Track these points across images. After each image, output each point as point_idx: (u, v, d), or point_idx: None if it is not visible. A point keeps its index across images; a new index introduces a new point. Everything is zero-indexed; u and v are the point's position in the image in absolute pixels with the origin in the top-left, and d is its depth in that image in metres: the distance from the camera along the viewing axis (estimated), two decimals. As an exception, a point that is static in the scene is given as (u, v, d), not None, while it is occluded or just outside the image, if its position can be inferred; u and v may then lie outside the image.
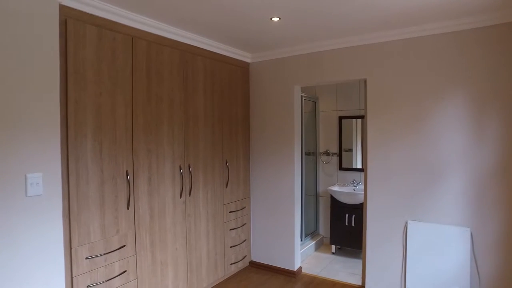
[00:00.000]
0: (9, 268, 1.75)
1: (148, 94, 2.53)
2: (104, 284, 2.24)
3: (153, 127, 2.57)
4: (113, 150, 2.28)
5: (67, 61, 2.04)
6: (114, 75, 2.30)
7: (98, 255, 2.20)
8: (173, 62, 2.75)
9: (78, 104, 2.09)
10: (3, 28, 1.75)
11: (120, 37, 2.35)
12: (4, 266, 1.73)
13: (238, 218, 3.53)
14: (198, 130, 2.99)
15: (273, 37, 3.05)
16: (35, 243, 1.86)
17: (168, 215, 2.70)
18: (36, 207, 1.86)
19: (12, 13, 1.78)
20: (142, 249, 2.50)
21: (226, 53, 3.37)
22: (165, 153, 2.67)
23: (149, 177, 2.54)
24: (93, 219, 2.17)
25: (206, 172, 3.09)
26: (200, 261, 3.03)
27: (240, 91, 3.55)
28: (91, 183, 2.15)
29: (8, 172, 1.75)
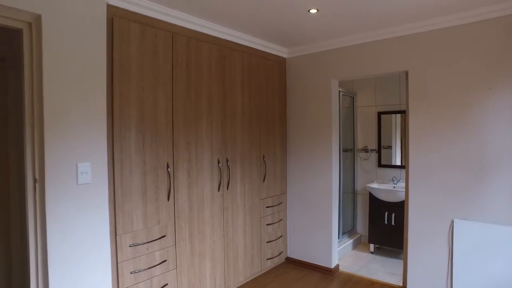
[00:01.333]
0: (62, 250, 1.88)
1: (187, 88, 2.59)
2: (146, 271, 2.32)
3: (192, 121, 2.62)
4: (155, 142, 2.36)
5: (113, 57, 2.14)
6: (156, 70, 2.37)
7: (141, 244, 2.29)
8: (211, 57, 2.79)
9: (123, 98, 2.18)
10: (60, 28, 1.88)
11: (161, 33, 2.42)
12: (58, 247, 1.86)
13: (275, 213, 3.52)
14: (235, 124, 3.01)
15: (310, 30, 3.00)
16: (85, 228, 1.97)
17: (206, 207, 2.75)
18: (86, 194, 1.97)
19: (67, 14, 1.91)
20: (182, 240, 2.56)
21: (263, 48, 3.37)
22: (204, 146, 2.72)
23: (188, 170, 2.59)
24: (136, 208, 2.25)
25: (244, 166, 3.11)
26: (237, 255, 3.05)
27: (277, 86, 3.54)
28: (134, 173, 2.24)
29: (61, 161, 1.87)
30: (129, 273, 2.23)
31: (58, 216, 1.86)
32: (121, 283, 2.18)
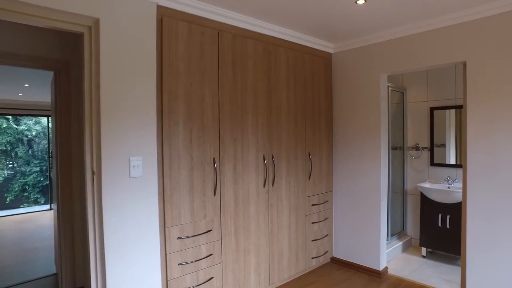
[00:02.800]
0: (117, 237, 2.00)
1: (233, 84, 2.61)
2: (193, 264, 2.37)
3: (238, 117, 2.64)
4: (202, 138, 2.41)
5: (163, 55, 2.21)
6: (202, 67, 2.42)
7: (188, 237, 2.35)
8: (256, 53, 2.79)
9: (171, 94, 2.24)
10: (115, 29, 1.99)
11: (207, 31, 2.46)
12: (114, 234, 1.99)
13: (321, 211, 3.44)
14: (281, 121, 2.99)
15: (358, 23, 2.89)
16: (137, 219, 2.06)
17: (251, 203, 2.76)
18: (137, 187, 2.06)
19: (122, 17, 2.02)
20: (227, 235, 2.59)
21: (308, 44, 3.31)
22: (250, 142, 2.73)
23: (234, 165, 2.62)
24: (183, 202, 2.31)
25: (289, 163, 3.08)
26: (282, 252, 3.03)
27: (322, 82, 3.46)
28: (182, 168, 2.30)
29: (115, 155, 1.98)
30: (177, 265, 2.29)
31: (113, 206, 1.97)
32: (169, 273, 2.25)
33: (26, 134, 9.53)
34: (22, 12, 1.79)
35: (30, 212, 7.59)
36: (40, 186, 9.30)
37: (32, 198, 9.25)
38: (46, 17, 1.86)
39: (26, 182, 9.28)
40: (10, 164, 9.33)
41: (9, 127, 9.22)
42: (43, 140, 9.43)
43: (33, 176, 9.32)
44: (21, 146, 9.41)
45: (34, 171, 9.36)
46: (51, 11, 1.84)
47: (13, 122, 9.26)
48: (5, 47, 2.69)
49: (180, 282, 2.31)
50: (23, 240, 5.19)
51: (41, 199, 9.17)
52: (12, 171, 9.31)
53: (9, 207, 8.53)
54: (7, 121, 9.14)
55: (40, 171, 9.39)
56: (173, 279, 2.27)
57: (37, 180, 9.33)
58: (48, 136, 8.65)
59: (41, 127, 9.48)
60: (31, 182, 9.30)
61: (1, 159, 9.07)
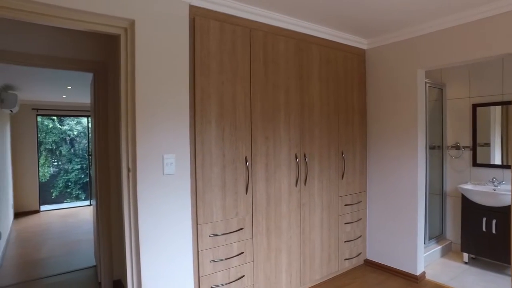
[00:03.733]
0: (151, 232, 2.06)
1: (265, 82, 2.60)
2: (224, 262, 2.39)
3: (270, 115, 2.63)
4: (234, 136, 2.41)
5: (195, 54, 2.24)
6: (234, 65, 2.42)
7: (220, 234, 2.36)
8: (288, 51, 2.76)
9: (204, 92, 2.27)
10: (149, 30, 2.04)
11: (239, 29, 2.46)
12: (148, 230, 2.05)
13: (354, 212, 3.35)
14: (313, 119, 2.94)
15: (393, 17, 2.77)
16: (170, 215, 2.11)
17: (283, 202, 2.73)
18: (170, 184, 2.10)
19: (156, 18, 2.08)
20: (259, 234, 2.58)
21: (341, 40, 3.23)
22: (282, 141, 2.71)
23: (266, 164, 2.60)
24: (215, 200, 2.33)
25: (322, 162, 3.02)
26: (314, 252, 2.98)
27: (356, 79, 3.36)
28: (214, 166, 2.32)
29: (150, 153, 2.03)
30: (209, 262, 2.32)
31: (147, 202, 2.02)
32: (201, 270, 2.28)
33: (69, 133, 10.09)
34: (64, 17, 1.88)
35: (72, 207, 8.03)
36: (81, 183, 9.81)
37: (74, 194, 9.78)
38: (86, 20, 1.94)
39: (68, 179, 9.83)
40: (55, 162, 9.93)
41: (54, 127, 9.81)
42: (83, 139, 9.94)
43: (74, 173, 9.86)
44: (64, 145, 9.98)
45: (75, 168, 9.89)
46: (91, 14, 1.91)
47: (57, 122, 9.84)
48: (50, 52, 2.84)
49: (212, 279, 2.33)
50: (66, 233, 5.50)
51: (82, 195, 9.67)
52: (56, 168, 9.90)
53: (54, 202, 9.08)
54: (53, 122, 9.73)
55: (81, 169, 9.91)
56: (205, 276, 2.30)
57: (78, 177, 9.85)
58: (87, 136, 9.11)
59: (81, 127, 10.00)
60: (73, 179, 9.83)
61: (47, 157, 9.68)
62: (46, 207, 7.67)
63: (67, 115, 8.70)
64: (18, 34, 2.73)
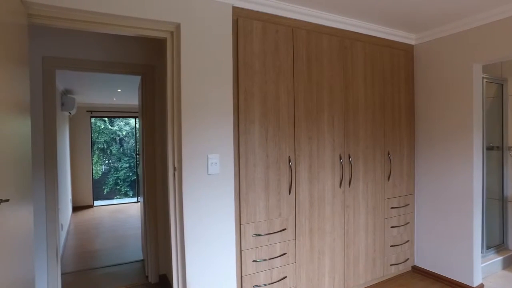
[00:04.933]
0: (196, 230, 2.11)
1: (308, 82, 2.56)
2: (267, 262, 2.38)
3: (313, 115, 2.59)
4: (277, 136, 2.40)
5: (238, 54, 2.26)
6: (277, 65, 2.41)
7: (262, 234, 2.36)
8: (332, 49, 2.69)
9: (247, 93, 2.28)
10: (194, 32, 2.10)
11: (281, 29, 2.45)
12: (193, 228, 2.10)
13: (401, 215, 3.20)
14: (358, 119, 2.85)
15: (444, 8, 2.59)
16: (214, 214, 2.15)
17: (327, 204, 2.68)
18: (215, 184, 2.14)
19: (200, 20, 2.13)
20: (301, 235, 2.55)
21: (387, 36, 3.09)
22: (325, 141, 2.65)
23: (309, 164, 2.57)
24: (258, 200, 2.34)
25: (367, 162, 2.91)
26: (358, 256, 2.88)
27: (403, 76, 3.20)
28: (257, 166, 2.32)
29: (195, 153, 2.08)
30: (251, 262, 2.32)
31: (192, 200, 2.08)
32: (244, 269, 2.30)
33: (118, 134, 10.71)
34: (117, 24, 1.98)
35: (121, 203, 8.49)
36: (129, 180, 10.37)
37: (123, 191, 10.36)
38: (136, 26, 2.03)
39: (118, 177, 10.43)
40: (106, 160, 10.59)
41: (105, 128, 10.47)
42: (131, 139, 10.50)
43: (123, 171, 10.44)
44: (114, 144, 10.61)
45: (124, 167, 10.47)
46: (140, 20, 2.00)
47: (108, 123, 10.48)
48: (104, 58, 3.03)
49: (254, 279, 2.34)
50: (116, 227, 5.83)
51: (130, 192, 10.21)
52: (107, 166, 10.56)
53: (105, 198, 9.69)
54: (104, 123, 10.38)
55: (129, 167, 10.47)
56: (247, 275, 2.31)
57: (127, 175, 10.42)
58: (135, 136, 9.60)
59: (130, 127, 10.56)
60: (122, 176, 10.42)
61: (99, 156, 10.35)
62: (99, 203, 8.19)
63: (117, 116, 9.24)
64: (76, 43, 2.93)
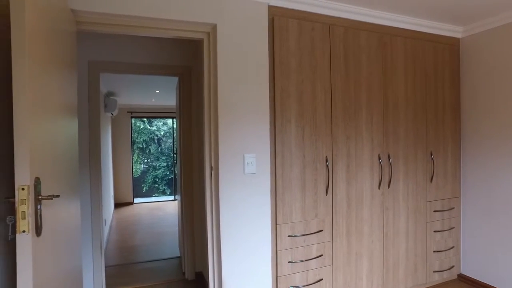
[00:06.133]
0: (232, 229, 2.13)
1: (346, 80, 2.50)
2: (302, 263, 2.35)
3: (351, 114, 2.52)
4: (314, 136, 2.37)
5: (274, 53, 2.25)
6: (313, 63, 2.38)
7: (298, 235, 2.34)
8: (370, 45, 2.61)
9: (283, 92, 2.27)
10: (230, 33, 2.13)
11: (318, 26, 2.40)
12: (229, 226, 2.13)
13: (445, 219, 3.02)
14: (398, 117, 2.73)
15: (499, -2, 2.42)
16: (250, 214, 2.16)
17: (365, 205, 2.60)
18: (251, 183, 2.15)
19: (236, 20, 2.16)
20: (338, 236, 2.49)
21: (430, 30, 2.94)
22: (364, 140, 2.57)
23: (347, 165, 2.50)
24: (295, 200, 2.31)
25: (407, 163, 2.79)
26: (398, 260, 2.77)
27: (447, 72, 3.03)
28: (294, 166, 2.30)
29: (231, 152, 2.10)
30: (287, 262, 2.31)
31: (229, 199, 2.10)
32: (279, 270, 2.28)
33: (157, 134, 11.11)
34: (154, 26, 2.06)
35: (159, 201, 8.80)
36: (167, 179, 10.71)
37: (160, 189, 10.73)
38: (173, 28, 2.10)
39: (156, 175, 10.81)
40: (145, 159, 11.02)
41: (144, 128, 10.90)
42: (169, 139, 10.84)
43: (161, 170, 10.80)
44: (152, 144, 11.02)
45: (162, 166, 10.84)
46: (177, 22, 2.06)
47: (147, 123, 10.90)
48: (143, 60, 3.15)
49: (290, 280, 2.32)
50: (154, 224, 6.04)
51: (167, 190, 10.55)
52: (146, 165, 10.98)
53: (144, 195, 10.09)
54: (143, 123, 10.81)
55: (167, 166, 10.81)
56: (283, 276, 2.29)
57: (165, 173, 10.77)
58: (173, 136, 9.90)
59: (167, 127, 10.91)
60: (160, 175, 10.79)
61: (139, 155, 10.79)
62: (138, 200, 8.54)
63: (155, 116, 9.58)
64: (118, 47, 3.07)
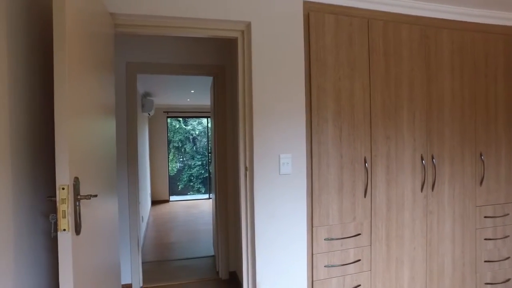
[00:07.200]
0: (267, 230, 2.10)
1: (386, 76, 2.37)
2: (339, 268, 2.26)
3: (391, 112, 2.38)
4: (352, 135, 2.27)
5: (310, 50, 2.18)
6: (351, 59, 2.28)
7: (335, 239, 2.25)
8: (412, 39, 2.45)
9: (320, 90, 2.19)
10: (265, 30, 2.09)
11: (356, 21, 2.30)
12: (263, 227, 2.09)
13: (498, 227, 2.78)
14: (443, 115, 2.55)
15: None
16: (285, 215, 2.12)
17: (406, 208, 2.45)
18: (286, 184, 2.10)
19: (271, 17, 2.12)
20: (377, 241, 2.37)
21: (480, 20, 2.71)
22: (405, 140, 2.43)
23: (387, 166, 2.37)
24: (332, 202, 2.23)
25: (453, 164, 2.60)
26: (443, 269, 2.59)
27: (501, 65, 2.78)
28: (331, 166, 2.22)
29: (267, 152, 2.06)
30: (323, 266, 2.23)
31: (263, 200, 2.07)
32: (315, 274, 2.21)
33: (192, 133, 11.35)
34: (190, 26, 2.07)
35: (194, 199, 8.97)
36: (202, 177, 10.92)
37: (195, 188, 10.95)
38: (208, 27, 2.10)
39: (191, 174, 11.05)
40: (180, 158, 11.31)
41: (180, 127, 11.19)
42: (203, 138, 11.04)
43: (196, 169, 11.03)
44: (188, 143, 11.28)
45: (197, 164, 11.06)
46: (212, 21, 2.05)
47: (182, 123, 11.17)
48: (178, 61, 3.20)
49: (326, 285, 2.23)
50: (190, 222, 6.16)
51: (202, 189, 10.75)
52: (182, 164, 11.27)
53: (180, 193, 10.35)
54: (179, 123, 11.09)
55: (201, 165, 11.02)
56: (319, 281, 2.22)
57: (199, 172, 10.98)
58: (207, 135, 10.06)
59: (202, 127, 11.11)
60: (195, 174, 11.02)
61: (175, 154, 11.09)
62: (174, 198, 8.76)
63: (191, 116, 9.78)
64: (155, 48, 3.14)
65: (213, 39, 3.23)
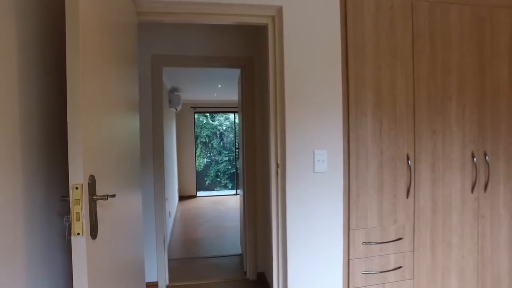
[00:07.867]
0: (299, 232, 1.94)
1: (432, 64, 2.13)
2: (378, 275, 2.07)
3: (438, 104, 2.14)
4: (393, 130, 2.05)
5: (347, 37, 1.98)
6: (393, 46, 2.05)
7: (374, 243, 2.05)
8: (462, 22, 2.18)
9: (358, 80, 1.99)
10: (297, 15, 1.93)
11: (397, 3, 2.07)
12: (296, 228, 1.94)
13: (561, 232, 2.47)
14: (498, 107, 2.26)
15: None
16: (320, 216, 1.97)
17: (454, 211, 2.20)
18: (321, 183, 1.93)
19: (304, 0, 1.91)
20: (421, 247, 2.15)
21: (544, -3, 2.39)
22: (453, 136, 2.18)
23: (432, 164, 2.14)
24: (370, 203, 2.03)
25: (510, 163, 2.31)
26: (498, 280, 2.32)
27: None
28: (370, 165, 2.01)
29: (300, 148, 1.91)
30: (360, 273, 2.04)
31: (296, 199, 1.92)
32: (351, 280, 2.03)
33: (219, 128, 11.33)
34: (216, 13, 1.93)
35: (221, 195, 8.94)
36: (229, 173, 10.88)
37: (222, 183, 10.94)
38: (235, 13, 1.96)
39: (218, 169, 11.04)
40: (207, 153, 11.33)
41: (207, 123, 11.19)
42: (230, 133, 10.98)
43: (223, 164, 11.01)
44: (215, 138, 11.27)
45: (224, 160, 11.04)
46: (240, 6, 1.91)
47: (210, 118, 11.17)
48: (204, 52, 3.07)
49: (364, 293, 2.05)
50: (217, 218, 6.10)
51: (229, 184, 10.72)
52: (209, 159, 11.29)
53: (207, 188, 10.37)
54: (206, 118, 11.10)
55: (229, 161, 10.98)
56: (356, 288, 2.04)
57: (226, 168, 10.95)
58: (234, 130, 9.98)
59: (229, 122, 11.06)
60: (222, 169, 11.00)
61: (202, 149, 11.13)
62: (201, 193, 8.77)
63: (217, 111, 9.74)
64: (180, 40, 3.03)
65: (240, 30, 3.08)
